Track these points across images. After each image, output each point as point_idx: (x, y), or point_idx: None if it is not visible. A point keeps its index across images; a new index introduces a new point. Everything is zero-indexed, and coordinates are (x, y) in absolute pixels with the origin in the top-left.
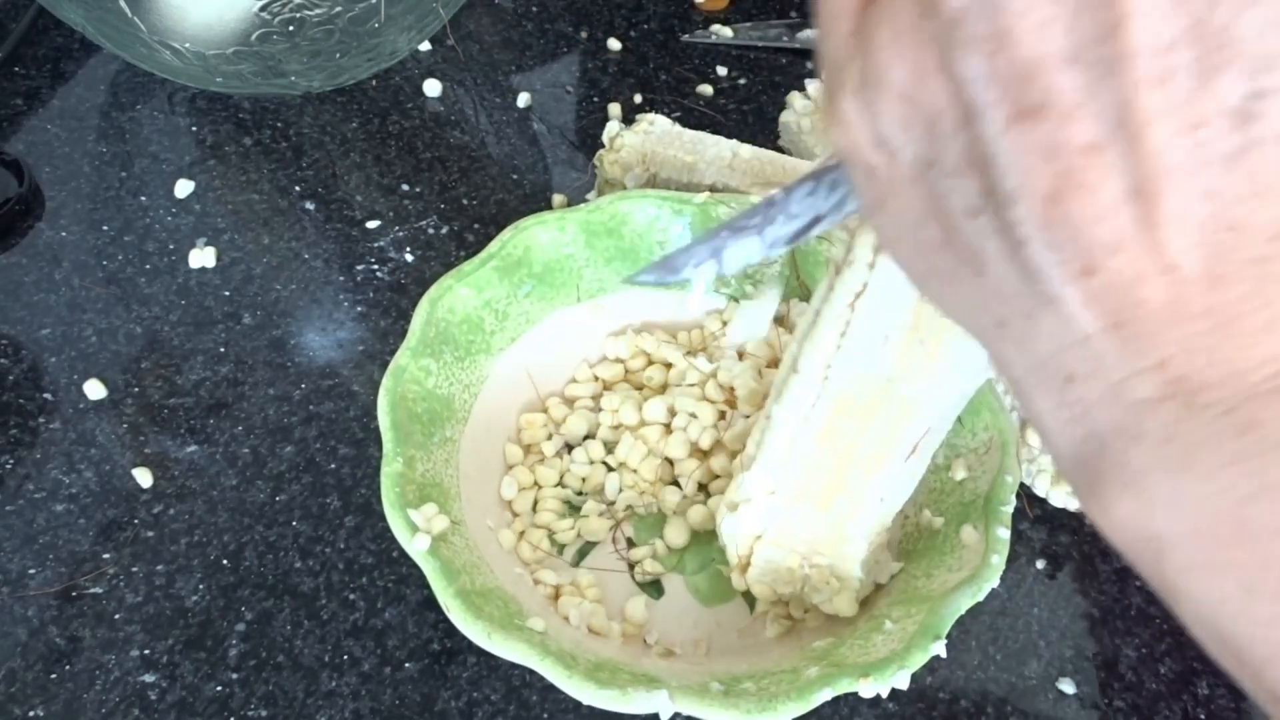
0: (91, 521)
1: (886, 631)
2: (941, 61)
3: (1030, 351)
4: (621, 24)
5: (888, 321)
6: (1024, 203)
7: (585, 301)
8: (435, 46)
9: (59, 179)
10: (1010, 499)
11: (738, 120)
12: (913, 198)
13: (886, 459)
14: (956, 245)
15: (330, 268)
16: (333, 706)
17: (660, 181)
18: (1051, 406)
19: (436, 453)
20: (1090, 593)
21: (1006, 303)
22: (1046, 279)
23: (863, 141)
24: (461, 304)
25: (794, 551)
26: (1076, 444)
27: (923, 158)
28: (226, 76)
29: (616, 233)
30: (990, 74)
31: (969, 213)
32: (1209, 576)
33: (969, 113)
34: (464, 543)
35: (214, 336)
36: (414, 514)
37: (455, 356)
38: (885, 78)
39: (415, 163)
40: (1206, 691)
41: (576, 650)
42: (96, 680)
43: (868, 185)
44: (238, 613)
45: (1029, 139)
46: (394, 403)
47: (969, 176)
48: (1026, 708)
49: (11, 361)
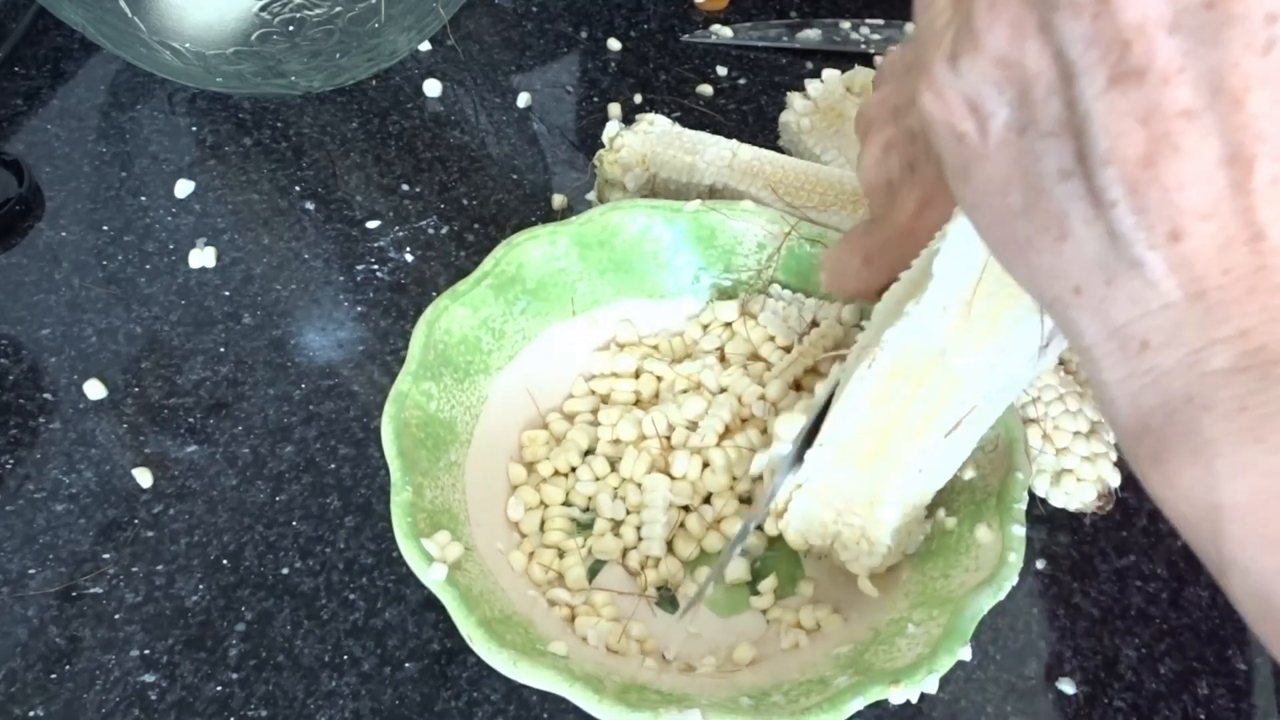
0: (91, 521)
1: (910, 635)
2: (1041, 23)
3: (1105, 319)
4: (621, 24)
5: (948, 291)
6: (1116, 165)
7: (580, 315)
8: (435, 46)
9: (59, 179)
10: (1023, 496)
11: (738, 120)
12: (1000, 163)
13: (930, 430)
14: (1041, 210)
15: (330, 268)
16: (333, 706)
17: (660, 182)
18: (1121, 375)
19: (443, 478)
20: (1090, 593)
21: (1086, 269)
22: (1132, 243)
23: (954, 107)
24: (458, 324)
25: (830, 506)
26: (1144, 413)
27: (1015, 122)
28: (226, 76)
29: (609, 244)
30: (1092, 37)
31: (1059, 176)
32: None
33: (1067, 75)
34: (478, 569)
35: (214, 336)
36: (428, 543)
37: (455, 379)
38: (982, 41)
39: (415, 163)
40: (1206, 691)
41: (601, 672)
42: (96, 680)
43: (955, 151)
44: (238, 613)
45: (1126, 102)
46: (398, 430)
47: (1062, 139)
48: (1026, 708)
49: (11, 361)
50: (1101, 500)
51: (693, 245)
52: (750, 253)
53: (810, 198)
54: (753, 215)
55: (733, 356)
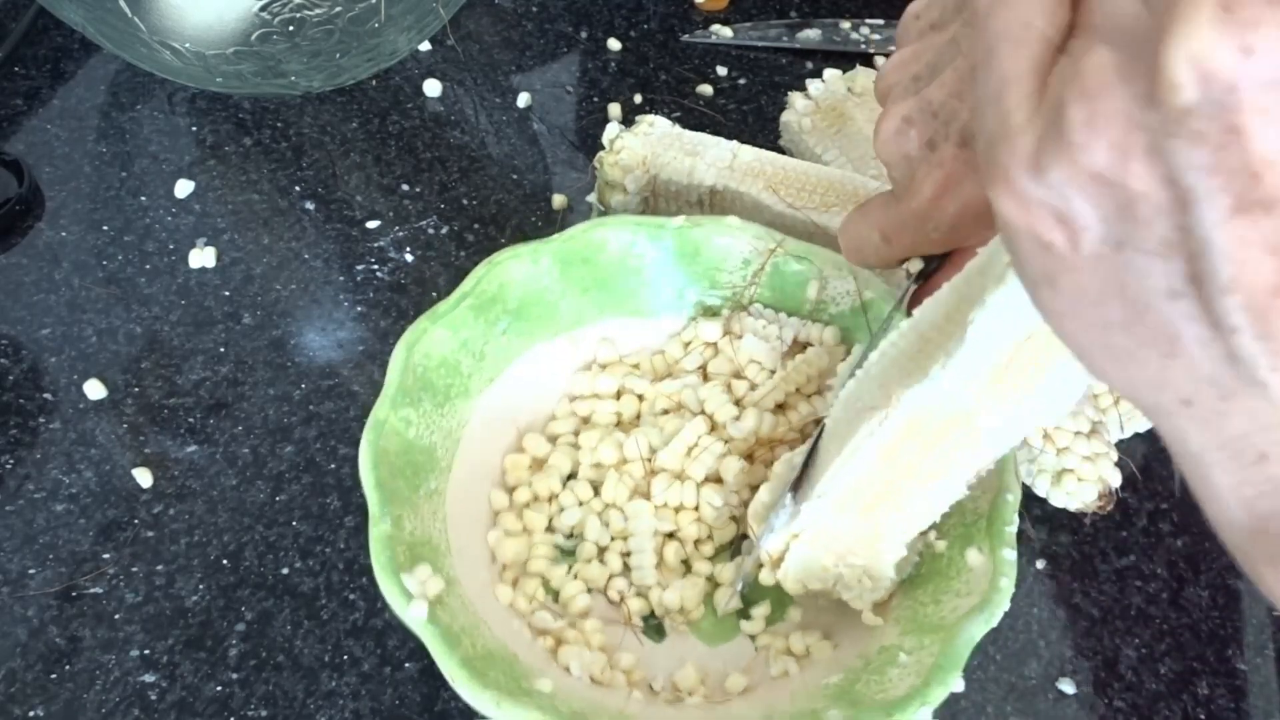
0: (91, 521)
1: (901, 665)
2: (1153, 147)
3: (1218, 431)
4: (621, 24)
5: (983, 358)
6: (1242, 294)
7: (563, 334)
8: (435, 46)
9: (59, 179)
10: (1013, 519)
11: (738, 120)
12: (1095, 276)
13: (946, 479)
14: (1147, 326)
15: (330, 268)
16: (333, 706)
17: (660, 183)
18: (1235, 482)
19: (423, 507)
20: (1090, 593)
21: (1198, 384)
22: (1255, 367)
23: (1040, 216)
24: (438, 347)
25: (831, 551)
26: (1262, 517)
27: (1114, 238)
28: (226, 76)
29: (592, 261)
30: (1214, 165)
31: (1168, 295)
32: None
33: (1181, 200)
34: (460, 602)
35: (214, 336)
36: (408, 579)
37: (434, 403)
38: (1079, 156)
39: (415, 163)
40: (1206, 691)
41: (588, 709)
42: (96, 680)
43: (1040, 260)
44: (238, 613)
45: (1254, 232)
46: (376, 459)
47: (1170, 260)
48: (1026, 708)
49: (11, 361)
50: (1102, 500)
51: (677, 262)
52: (735, 269)
53: (812, 198)
54: (738, 231)
55: (715, 375)
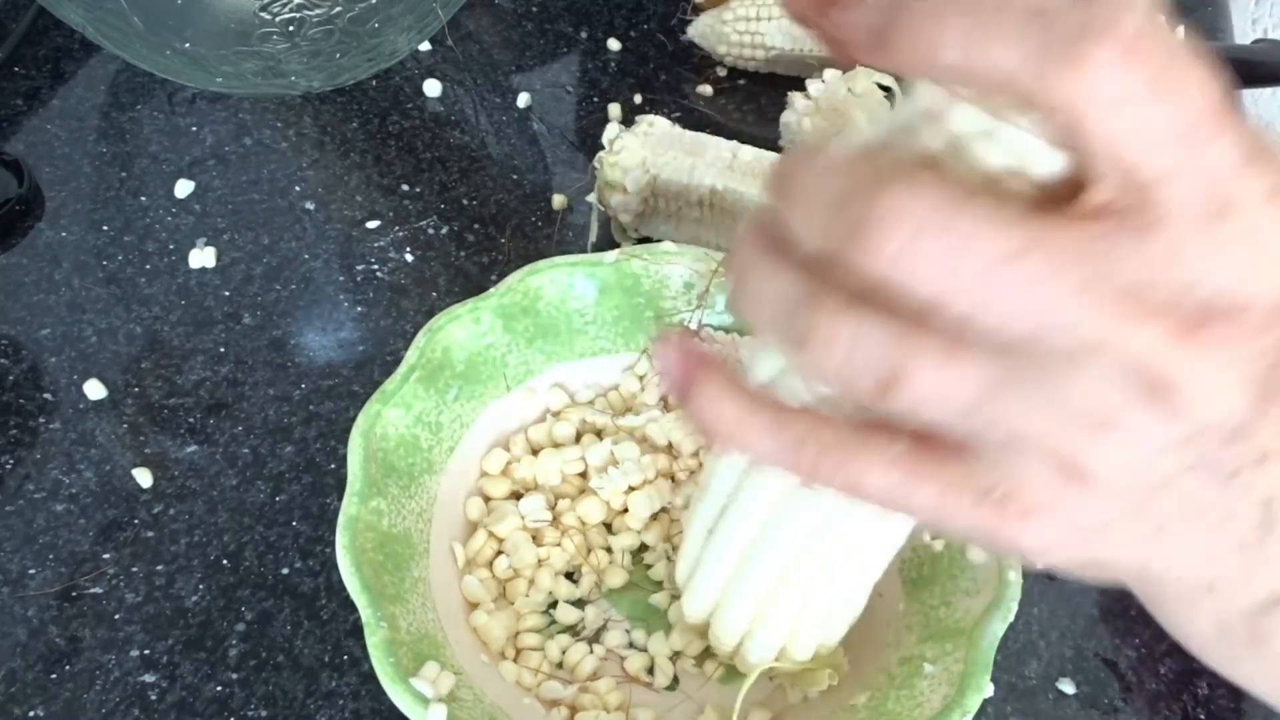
0: (91, 521)
1: (928, 675)
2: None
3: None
4: (621, 24)
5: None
6: None
7: (515, 389)
8: (435, 46)
9: (59, 179)
10: None
11: (738, 120)
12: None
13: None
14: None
15: (330, 268)
16: (333, 706)
17: (661, 184)
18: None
19: (412, 600)
20: (1090, 593)
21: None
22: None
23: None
24: (393, 427)
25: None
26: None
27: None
28: (226, 76)
29: (533, 310)
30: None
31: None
32: None
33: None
34: (471, 694)
35: (214, 336)
36: (418, 683)
37: (401, 487)
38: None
39: (415, 163)
40: (1206, 691)
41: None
42: (96, 680)
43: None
44: (238, 613)
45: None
46: (357, 560)
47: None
48: (1026, 708)
49: (11, 361)
50: None
51: (619, 296)
52: (678, 294)
53: None
54: (676, 256)
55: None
